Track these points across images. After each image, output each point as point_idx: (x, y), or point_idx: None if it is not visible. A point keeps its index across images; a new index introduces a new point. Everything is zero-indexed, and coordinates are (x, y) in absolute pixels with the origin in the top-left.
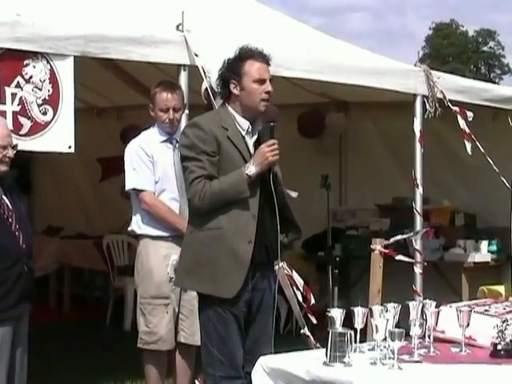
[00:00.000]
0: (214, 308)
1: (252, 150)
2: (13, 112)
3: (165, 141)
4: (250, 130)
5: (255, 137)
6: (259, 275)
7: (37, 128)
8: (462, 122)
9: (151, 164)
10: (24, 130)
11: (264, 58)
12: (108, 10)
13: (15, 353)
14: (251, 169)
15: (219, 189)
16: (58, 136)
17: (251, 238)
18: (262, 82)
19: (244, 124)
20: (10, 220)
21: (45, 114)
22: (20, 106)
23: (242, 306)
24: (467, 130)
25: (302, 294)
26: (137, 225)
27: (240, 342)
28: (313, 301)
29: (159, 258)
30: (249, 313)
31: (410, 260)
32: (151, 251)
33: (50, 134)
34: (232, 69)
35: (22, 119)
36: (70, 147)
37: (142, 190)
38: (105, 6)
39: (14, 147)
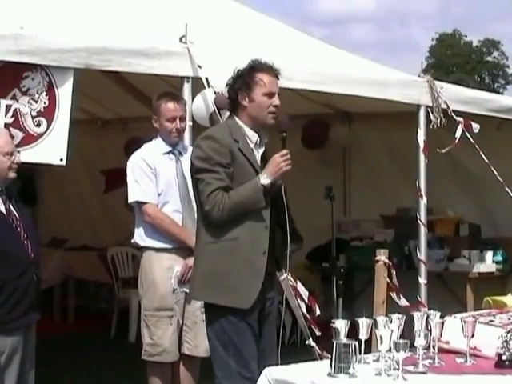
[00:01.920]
0: (228, 319)
1: (259, 162)
2: (5, 124)
3: (167, 152)
4: (258, 142)
5: (262, 149)
6: (267, 285)
7: (29, 139)
8: (459, 132)
9: (154, 176)
10: (15, 141)
11: (274, 72)
12: (111, 22)
13: (24, 362)
14: (266, 179)
15: (238, 200)
16: (51, 148)
17: (265, 249)
18: (271, 95)
19: (253, 136)
20: (19, 229)
21: (38, 125)
22: (13, 118)
23: (255, 315)
24: (457, 140)
25: (306, 304)
26: (140, 237)
27: (255, 351)
28: (318, 312)
29: (163, 270)
30: (259, 322)
31: (405, 304)
32: (155, 263)
33: (41, 146)
34: (243, 80)
35: (14, 131)
36: (61, 160)
37: (144, 203)
38: (108, 19)
39: (19, 152)
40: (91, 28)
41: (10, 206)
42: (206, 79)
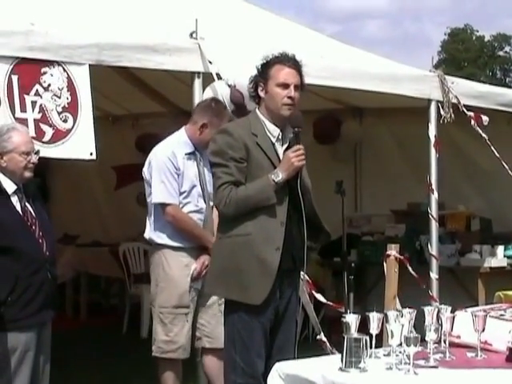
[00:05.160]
0: (240, 314)
1: (282, 157)
2: (34, 120)
3: (189, 153)
4: (280, 137)
5: (286, 145)
6: (286, 283)
7: (59, 135)
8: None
9: (178, 176)
10: (47, 138)
11: (293, 64)
12: (121, 18)
13: (38, 359)
14: (278, 175)
15: (245, 195)
16: (80, 143)
17: (279, 245)
18: (285, 86)
19: (274, 131)
20: (34, 227)
21: (65, 121)
22: (41, 114)
23: (269, 313)
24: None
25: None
26: (157, 235)
27: (263, 350)
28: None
29: (181, 268)
30: (275, 320)
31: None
32: (173, 261)
33: (71, 142)
34: (261, 71)
35: (44, 126)
36: (91, 154)
37: (168, 204)
38: (118, 15)
39: (37, 153)
40: (102, 24)
41: (26, 204)
42: (217, 75)
